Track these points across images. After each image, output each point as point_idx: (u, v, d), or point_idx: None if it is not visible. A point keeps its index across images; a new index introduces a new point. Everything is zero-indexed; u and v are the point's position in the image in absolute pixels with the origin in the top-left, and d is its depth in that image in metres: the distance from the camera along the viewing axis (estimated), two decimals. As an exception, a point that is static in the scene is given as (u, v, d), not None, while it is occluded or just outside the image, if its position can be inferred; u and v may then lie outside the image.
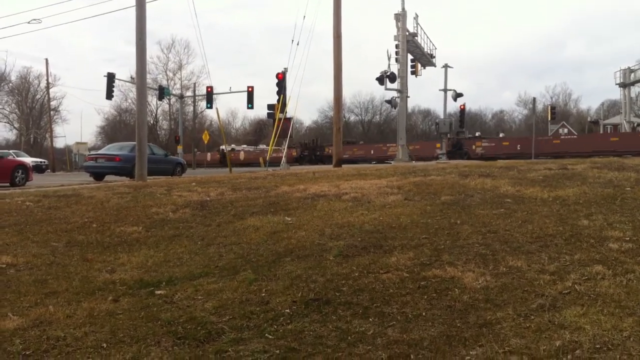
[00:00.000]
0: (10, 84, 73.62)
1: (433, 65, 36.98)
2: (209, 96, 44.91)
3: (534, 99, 45.75)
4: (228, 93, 49.12)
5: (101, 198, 10.11)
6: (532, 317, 3.86)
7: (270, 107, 29.85)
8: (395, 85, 30.99)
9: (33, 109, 77.25)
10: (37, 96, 76.15)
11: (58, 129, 70.39)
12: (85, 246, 6.89)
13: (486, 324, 3.82)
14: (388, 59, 30.35)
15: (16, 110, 75.97)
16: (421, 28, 33.73)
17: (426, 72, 36.78)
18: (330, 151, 47.22)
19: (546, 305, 4.04)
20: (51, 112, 62.18)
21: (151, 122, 68.22)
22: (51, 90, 59.12)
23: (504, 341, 3.53)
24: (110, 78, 38.67)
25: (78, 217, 8.48)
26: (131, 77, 51.64)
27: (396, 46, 30.89)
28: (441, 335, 3.72)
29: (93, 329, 4.17)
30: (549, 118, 44.87)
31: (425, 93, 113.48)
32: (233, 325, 4.12)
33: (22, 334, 4.12)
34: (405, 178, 10.42)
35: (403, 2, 30.93)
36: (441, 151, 39.29)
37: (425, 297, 4.40)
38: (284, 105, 26.53)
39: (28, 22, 37.49)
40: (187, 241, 6.86)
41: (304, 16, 33.59)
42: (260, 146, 61.88)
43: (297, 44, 23.49)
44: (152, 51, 68.81)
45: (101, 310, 4.59)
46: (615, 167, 10.11)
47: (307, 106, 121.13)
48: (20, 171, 18.64)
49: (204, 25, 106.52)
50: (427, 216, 6.90)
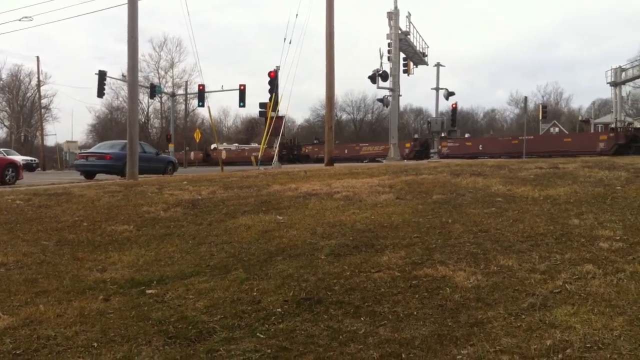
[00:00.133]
0: (1, 82, 73.39)
1: (425, 64, 37.01)
2: (201, 94, 44.77)
3: (526, 98, 45.92)
4: (220, 91, 49.02)
5: (92, 197, 10.07)
6: (523, 317, 3.87)
7: (262, 106, 29.85)
8: (387, 84, 31.05)
9: (24, 107, 76.88)
10: (28, 94, 75.83)
11: (49, 127, 70.15)
12: (76, 245, 6.86)
13: (477, 323, 3.83)
14: (380, 58, 30.49)
15: (7, 108, 75.65)
16: (413, 27, 33.86)
17: (418, 71, 36.99)
18: (306, 150, 53.07)
19: (537, 304, 4.05)
20: (42, 110, 61.97)
21: (142, 121, 67.92)
22: (42, 88, 59.11)
23: (495, 340, 3.54)
24: (101, 76, 38.51)
25: (69, 216, 8.44)
26: (122, 75, 51.44)
27: (388, 45, 30.93)
28: (432, 334, 3.72)
29: (84, 328, 4.15)
30: (540, 117, 45.23)
31: (417, 92, 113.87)
32: (224, 324, 4.12)
33: (13, 333, 4.09)
34: (396, 177, 10.44)
35: (395, 1, 31.00)
36: (433, 150, 39.71)
37: (416, 296, 4.40)
38: (276, 103, 26.52)
39: (19, 20, 37.25)
40: (179, 240, 6.84)
41: (297, 14, 33.66)
42: (241, 145, 64.79)
43: (290, 43, 23.48)
44: (144, 49, 68.51)
45: (92, 309, 4.57)
46: (605, 166, 10.18)
47: (300, 105, 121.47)
48: (10, 169, 18.54)
49: (198, 23, 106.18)
50: (419, 215, 6.92)
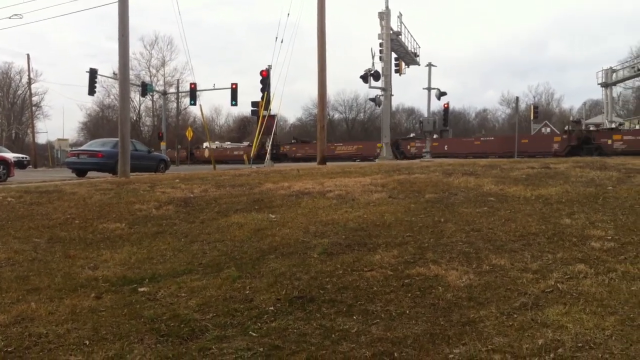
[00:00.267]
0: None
1: (417, 63, 37.05)
2: (193, 93, 44.56)
3: (517, 98, 46.09)
4: (212, 90, 48.92)
5: (83, 194, 10.02)
6: (515, 316, 3.89)
7: (254, 105, 29.80)
8: (379, 83, 31.07)
9: (15, 105, 76.43)
10: (19, 92, 75.49)
11: (40, 125, 69.69)
12: (67, 242, 6.82)
13: (469, 322, 3.84)
14: (372, 58, 30.48)
15: (-3, 105, 75.17)
16: (405, 27, 33.87)
17: (410, 71, 37.03)
18: (284, 149, 54.75)
19: (529, 303, 4.07)
20: (33, 108, 61.60)
21: (134, 119, 67.53)
22: (33, 85, 58.72)
23: (487, 339, 3.55)
24: (92, 74, 38.24)
25: (60, 214, 8.39)
26: (114, 73, 51.20)
27: (380, 44, 30.96)
28: (425, 333, 3.73)
29: (75, 326, 4.13)
30: (532, 117, 45.38)
31: (409, 91, 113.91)
32: (216, 322, 4.11)
33: (4, 331, 4.07)
34: (389, 176, 10.46)
35: (387, 1, 31.02)
36: (426, 149, 39.78)
37: (409, 295, 4.41)
38: (268, 102, 26.52)
39: (9, 17, 36.95)
40: (171, 238, 6.82)
41: (288, 13, 33.74)
42: (225, 144, 65.71)
43: (282, 42, 23.52)
44: (135, 47, 68.22)
45: (83, 307, 4.55)
46: (597, 167, 10.24)
47: (291, 104, 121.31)
48: (1, 167, 18.39)
49: (189, 21, 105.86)
50: (411, 214, 6.93)
